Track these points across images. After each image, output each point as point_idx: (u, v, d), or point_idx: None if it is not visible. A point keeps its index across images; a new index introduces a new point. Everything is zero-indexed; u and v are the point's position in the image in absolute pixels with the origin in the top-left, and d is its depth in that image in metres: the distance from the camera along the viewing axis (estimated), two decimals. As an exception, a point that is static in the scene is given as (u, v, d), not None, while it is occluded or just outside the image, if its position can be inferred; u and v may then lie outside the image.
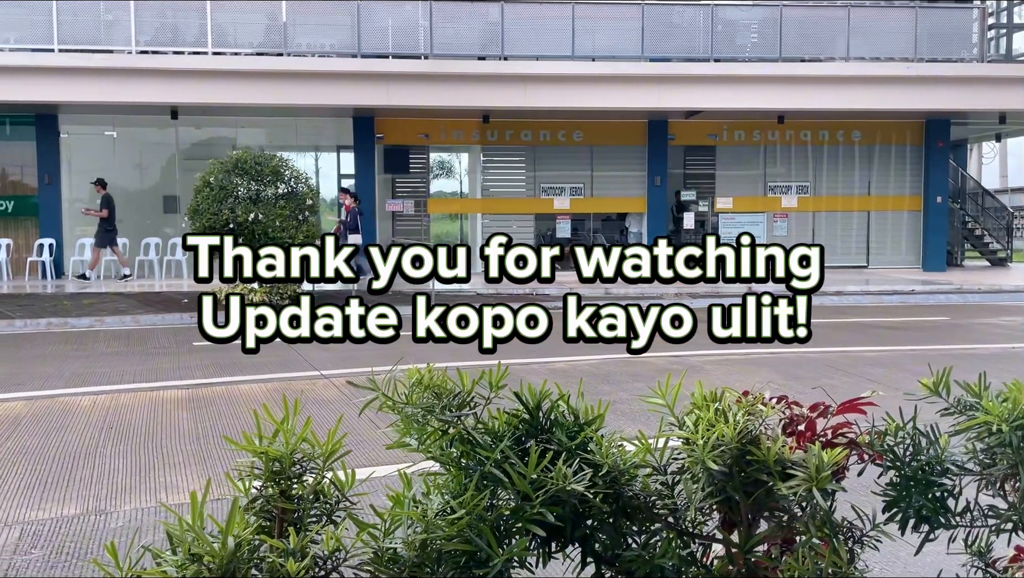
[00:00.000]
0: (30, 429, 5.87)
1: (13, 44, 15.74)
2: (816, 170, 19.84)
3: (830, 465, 1.67)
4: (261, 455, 1.55)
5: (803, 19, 17.52)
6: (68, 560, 3.64)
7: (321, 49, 16.89)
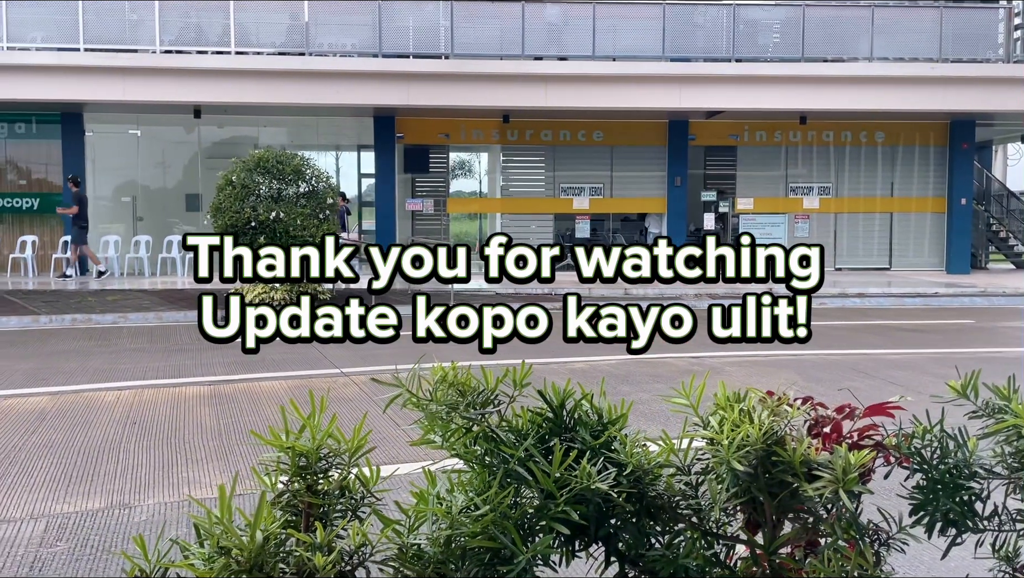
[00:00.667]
0: (55, 424, 5.95)
1: (40, 43, 15.94)
2: (838, 171, 19.69)
3: (856, 467, 1.66)
4: (288, 450, 1.56)
5: (826, 19, 17.39)
6: (93, 553, 3.68)
7: (343, 49, 16.98)
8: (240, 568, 1.35)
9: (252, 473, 1.92)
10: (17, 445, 5.39)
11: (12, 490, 4.53)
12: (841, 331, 11.18)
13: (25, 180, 18.11)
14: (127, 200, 18.83)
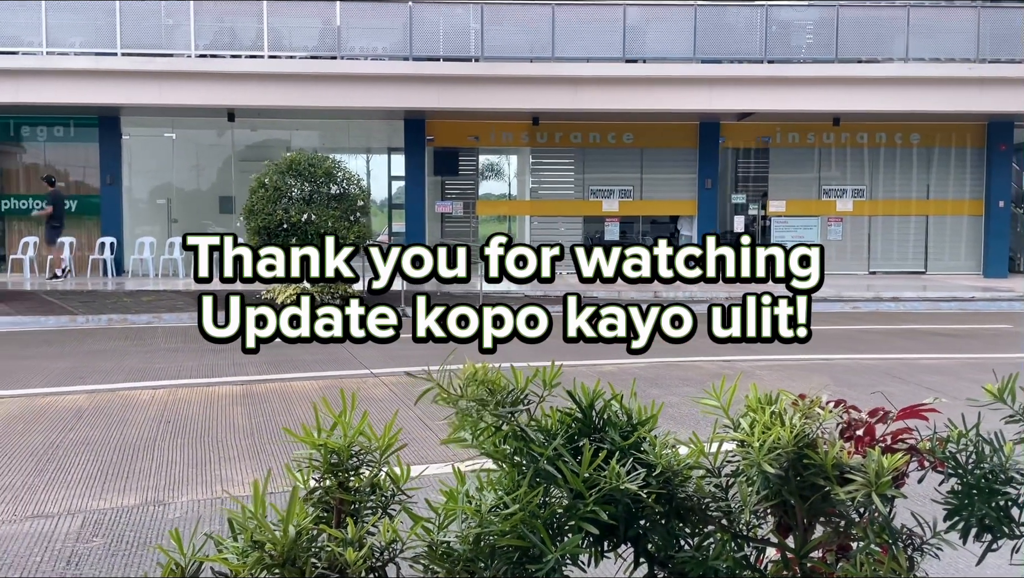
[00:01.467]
0: (92, 421, 6.06)
1: (79, 48, 16.24)
2: (872, 173, 19.42)
3: (890, 470, 1.64)
4: (320, 447, 1.58)
5: (860, 19, 17.17)
6: (128, 549, 3.74)
7: (374, 52, 17.10)
8: (273, 562, 1.37)
9: (284, 471, 1.94)
10: (55, 442, 5.49)
11: (50, 486, 4.62)
12: (874, 335, 11.04)
13: (63, 182, 18.45)
14: (162, 202, 19.12)
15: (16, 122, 18.10)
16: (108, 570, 3.50)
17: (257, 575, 1.41)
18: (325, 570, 1.41)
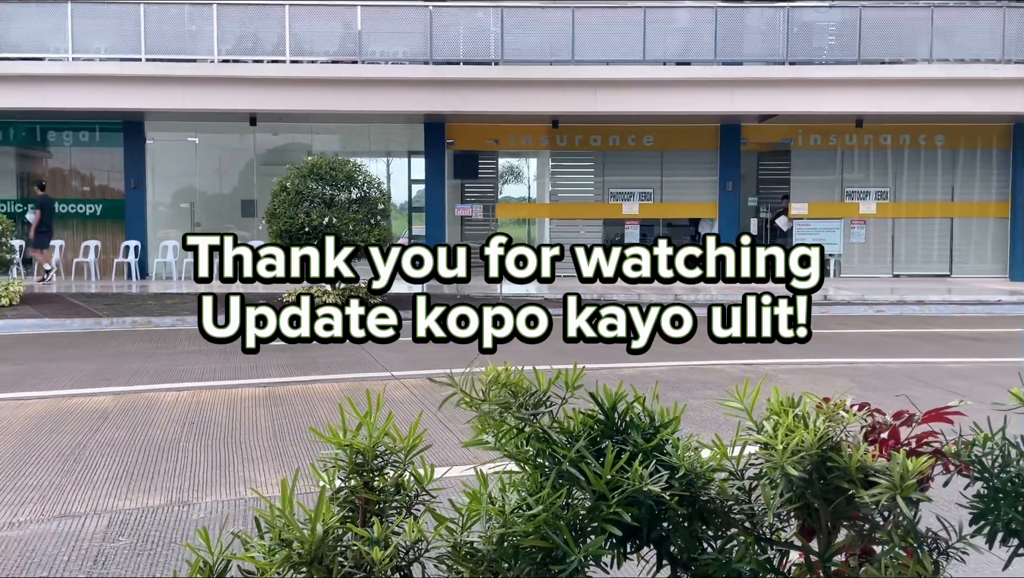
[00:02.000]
0: (117, 422, 6.13)
1: (104, 54, 16.46)
2: (896, 175, 19.24)
3: (915, 473, 1.63)
4: (346, 447, 1.60)
5: (883, 20, 17.02)
6: (153, 548, 3.79)
7: (394, 56, 17.19)
8: (301, 560, 1.39)
9: (308, 473, 1.96)
10: (82, 443, 5.57)
11: (77, 486, 4.68)
12: (899, 339, 10.93)
13: (88, 187, 18.71)
14: (185, 206, 19.32)
15: (43, 127, 18.37)
16: (134, 569, 3.54)
17: (284, 573, 1.43)
18: (352, 569, 1.43)
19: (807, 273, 2.25)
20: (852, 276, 18.84)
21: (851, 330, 11.68)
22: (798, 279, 2.26)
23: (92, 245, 17.54)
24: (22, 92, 15.86)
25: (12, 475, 4.87)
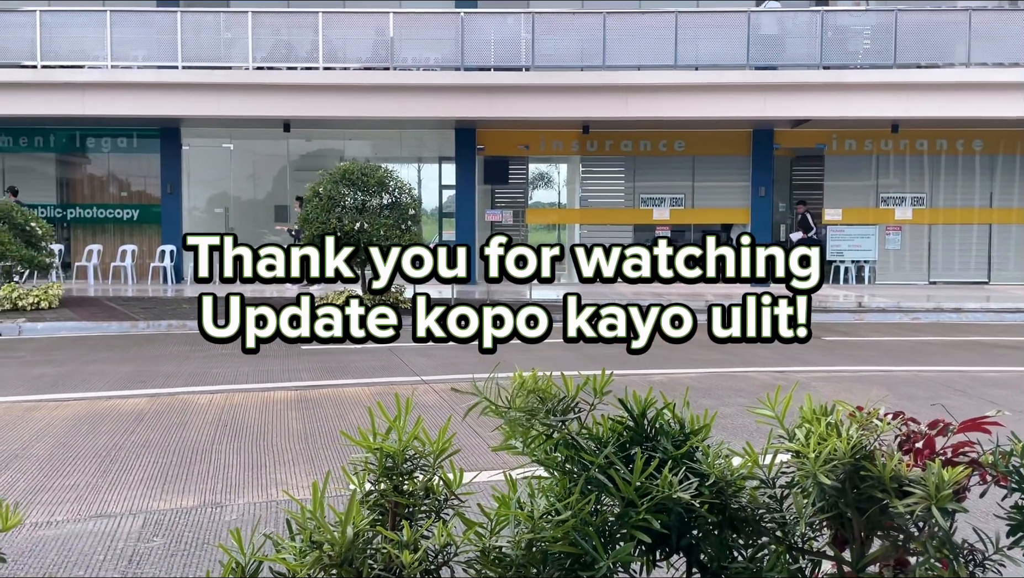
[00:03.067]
0: (152, 424, 6.23)
1: (141, 62, 16.77)
2: (933, 180, 18.95)
3: (951, 484, 1.61)
4: (376, 451, 1.61)
5: (920, 24, 16.79)
6: (187, 549, 3.84)
7: (426, 63, 17.30)
8: (331, 562, 1.41)
9: (338, 476, 1.98)
10: (118, 444, 5.66)
11: (112, 486, 4.76)
12: (935, 347, 10.75)
13: (126, 192, 19.06)
14: (220, 211, 19.60)
15: (82, 133, 18.75)
16: (168, 570, 3.59)
17: (315, 575, 1.44)
18: (381, 572, 1.44)
19: (807, 273, 2.25)
20: (887, 283, 18.57)
21: (886, 338, 11.50)
22: (798, 279, 2.25)
23: (129, 249, 17.85)
24: (63, 99, 16.20)
25: (50, 475, 4.97)
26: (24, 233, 13.55)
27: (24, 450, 5.48)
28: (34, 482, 4.81)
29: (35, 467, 5.12)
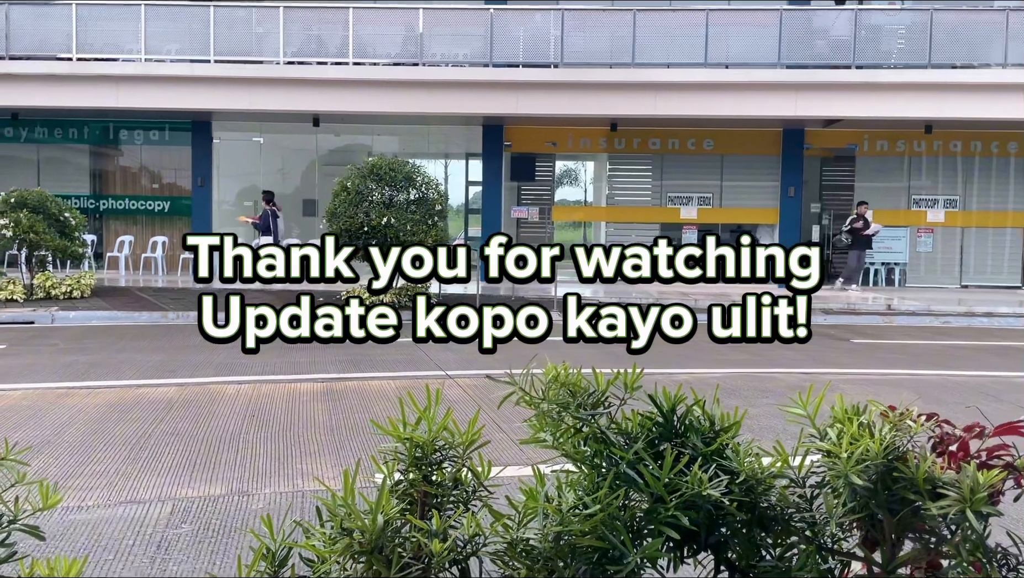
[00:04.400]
0: (181, 413, 6.31)
1: (175, 55, 16.97)
2: (966, 183, 18.66)
3: (985, 487, 1.59)
4: (406, 441, 1.62)
5: (955, 23, 16.52)
6: (214, 536, 3.89)
7: (455, 59, 17.33)
8: (361, 549, 1.42)
9: (364, 467, 1.99)
10: (147, 432, 5.74)
11: (142, 474, 4.83)
12: (966, 351, 10.60)
13: (157, 184, 19.30)
14: (249, 204, 19.78)
15: (115, 125, 19.01)
16: (196, 555, 3.64)
17: (344, 562, 1.45)
18: (410, 560, 1.45)
19: (807, 273, 2.23)
20: (918, 286, 18.33)
21: (916, 341, 11.36)
22: (798, 279, 2.23)
23: (160, 241, 18.07)
24: (98, 91, 16.43)
25: (82, 461, 5.05)
26: (58, 223, 13.76)
27: (56, 436, 5.58)
28: (66, 467, 4.90)
29: (67, 453, 5.20)
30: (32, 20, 16.73)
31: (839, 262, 18.41)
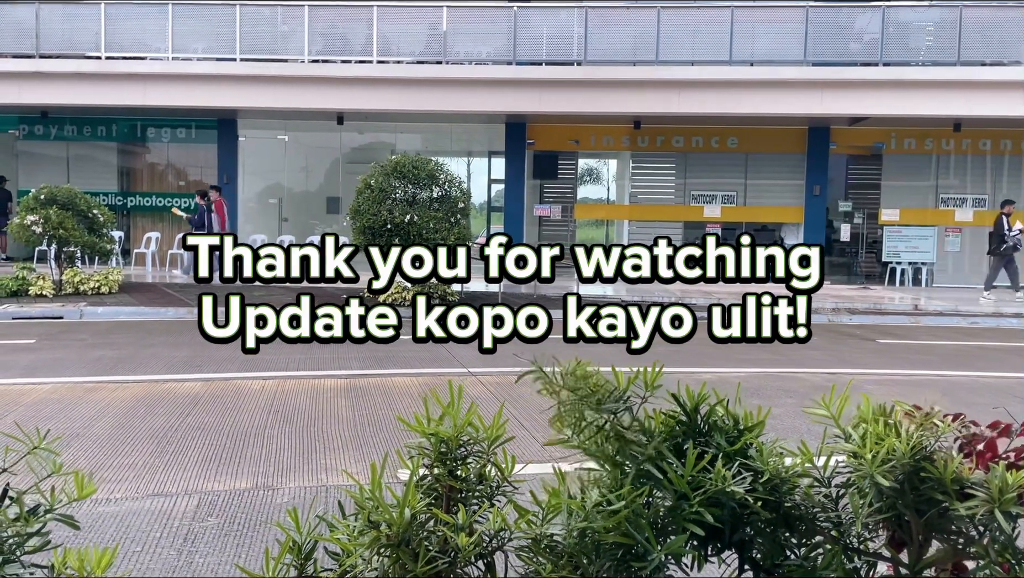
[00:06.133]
0: (207, 408, 6.38)
1: (201, 54, 17.13)
2: (995, 182, 18.40)
3: (1015, 487, 1.57)
4: (431, 436, 1.63)
5: (985, 20, 16.29)
6: (240, 529, 3.93)
7: (478, 57, 17.36)
8: (388, 542, 1.43)
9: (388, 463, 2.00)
10: (174, 426, 5.82)
11: (169, 467, 4.90)
12: (994, 353, 10.46)
13: (184, 181, 19.51)
14: (273, 202, 19.95)
15: (143, 123, 19.24)
16: (222, 549, 3.69)
17: (370, 556, 1.47)
18: (437, 553, 1.46)
19: (807, 273, 2.22)
20: (945, 286, 18.10)
21: (943, 342, 11.23)
22: (798, 279, 2.22)
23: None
24: (126, 90, 16.64)
25: (110, 454, 5.12)
26: (87, 220, 13.96)
27: (85, 429, 5.67)
28: (94, 460, 4.97)
29: (95, 446, 5.29)
30: (61, 20, 16.97)
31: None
